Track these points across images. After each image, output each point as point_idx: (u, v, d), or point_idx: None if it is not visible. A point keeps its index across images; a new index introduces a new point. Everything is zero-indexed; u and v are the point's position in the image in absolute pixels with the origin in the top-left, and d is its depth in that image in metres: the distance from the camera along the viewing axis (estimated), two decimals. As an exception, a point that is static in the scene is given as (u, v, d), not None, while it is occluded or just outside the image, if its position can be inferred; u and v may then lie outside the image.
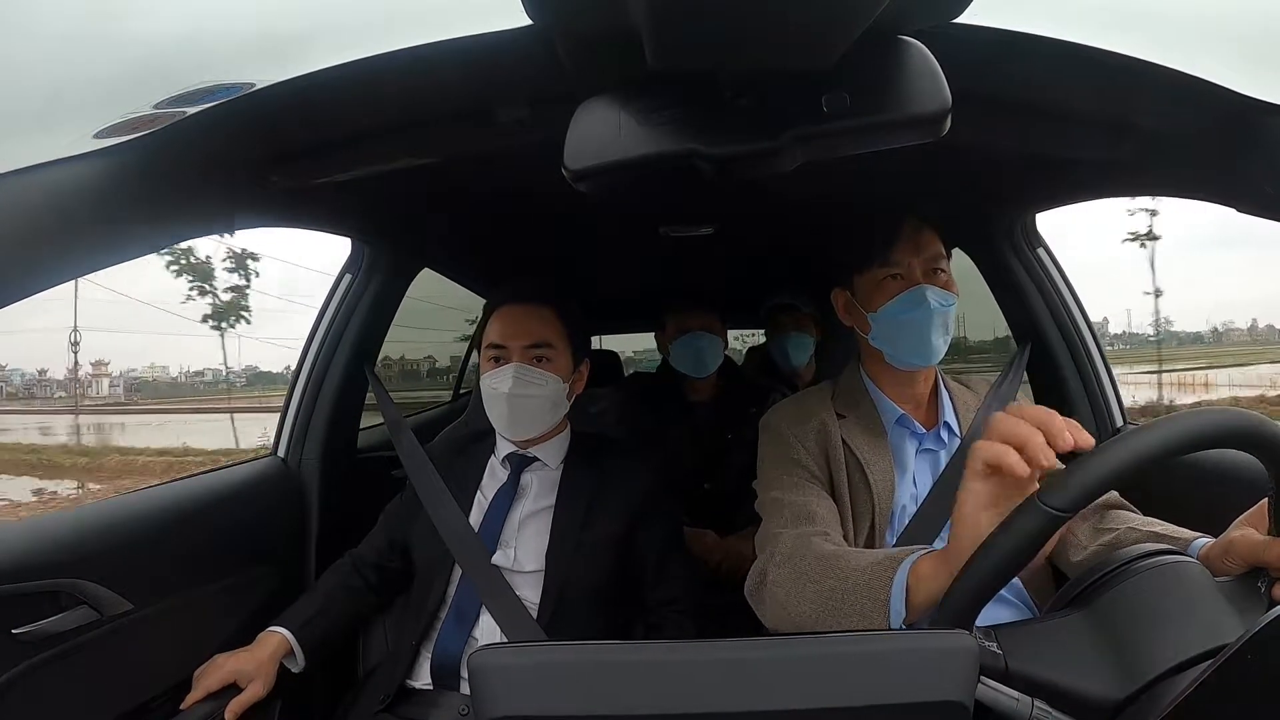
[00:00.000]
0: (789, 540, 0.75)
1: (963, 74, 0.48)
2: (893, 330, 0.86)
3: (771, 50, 0.45)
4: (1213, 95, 0.53)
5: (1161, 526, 0.72)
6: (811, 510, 0.80)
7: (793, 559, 0.72)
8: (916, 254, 0.86)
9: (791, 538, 0.76)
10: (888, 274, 0.87)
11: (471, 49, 0.53)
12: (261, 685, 0.93)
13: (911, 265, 0.86)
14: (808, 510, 0.80)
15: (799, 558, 0.72)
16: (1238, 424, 0.42)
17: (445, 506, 1.05)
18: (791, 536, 0.76)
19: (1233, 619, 0.43)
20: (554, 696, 0.40)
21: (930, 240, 0.87)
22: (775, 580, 0.73)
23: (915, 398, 0.91)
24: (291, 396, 1.33)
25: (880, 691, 0.38)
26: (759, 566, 0.78)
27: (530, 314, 1.02)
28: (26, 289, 0.50)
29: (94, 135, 0.51)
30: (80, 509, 0.94)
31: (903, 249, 0.86)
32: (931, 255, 0.87)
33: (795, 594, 0.69)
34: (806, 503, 0.81)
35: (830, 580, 0.65)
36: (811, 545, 0.73)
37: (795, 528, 0.78)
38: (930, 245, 0.87)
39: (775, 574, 0.73)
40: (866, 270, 0.89)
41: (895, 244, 0.86)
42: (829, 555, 0.69)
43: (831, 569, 0.67)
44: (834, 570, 0.66)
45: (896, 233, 0.86)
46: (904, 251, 0.86)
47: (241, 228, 0.82)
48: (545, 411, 1.03)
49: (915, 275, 0.86)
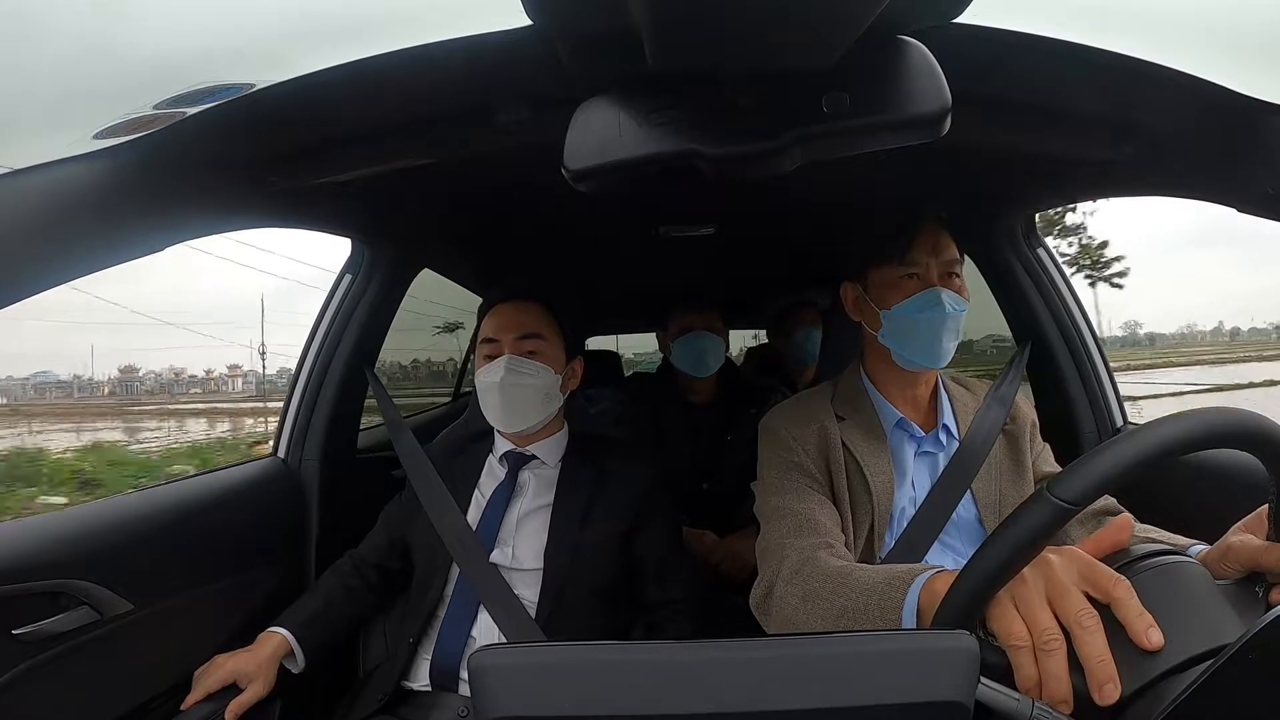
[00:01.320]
0: (795, 555, 0.75)
1: (963, 74, 0.48)
2: (905, 329, 0.86)
3: (771, 50, 0.45)
4: (1213, 95, 0.53)
5: (1157, 533, 0.72)
6: (814, 518, 0.80)
7: (800, 574, 0.71)
8: (935, 255, 0.86)
9: (797, 551, 0.75)
10: (905, 273, 0.86)
11: (471, 49, 0.53)
12: (261, 685, 0.93)
13: (929, 266, 0.85)
14: (811, 519, 0.79)
15: (806, 575, 0.71)
16: (1244, 424, 0.42)
17: (444, 506, 1.06)
18: (797, 550, 0.75)
19: (1233, 620, 0.43)
20: (554, 697, 0.40)
21: (948, 244, 0.87)
22: (783, 596, 0.72)
23: (915, 400, 0.91)
24: (291, 397, 1.33)
25: (880, 691, 0.38)
26: (765, 579, 0.77)
27: (520, 309, 1.05)
28: (27, 289, 0.49)
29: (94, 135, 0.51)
30: (80, 509, 0.94)
31: (921, 249, 0.85)
32: (949, 259, 0.86)
33: (804, 611, 0.68)
34: (809, 510, 0.81)
35: (840, 599, 0.64)
36: (819, 561, 0.72)
37: (800, 539, 0.77)
38: (948, 249, 0.87)
39: (782, 590, 0.72)
40: (883, 266, 0.88)
41: (915, 243, 0.85)
42: (837, 573, 0.68)
43: (841, 587, 0.66)
44: (844, 589, 0.65)
45: (916, 233, 0.86)
46: (922, 251, 0.85)
47: (241, 228, 0.82)
48: (537, 402, 1.03)
49: (932, 276, 0.85)
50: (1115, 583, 0.44)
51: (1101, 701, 0.40)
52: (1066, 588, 0.44)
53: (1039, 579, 0.45)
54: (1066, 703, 0.41)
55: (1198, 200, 0.74)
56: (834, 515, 0.83)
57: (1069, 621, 0.43)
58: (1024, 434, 0.93)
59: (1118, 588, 0.43)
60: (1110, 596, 0.43)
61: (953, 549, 0.86)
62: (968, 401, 0.95)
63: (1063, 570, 0.45)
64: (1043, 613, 0.44)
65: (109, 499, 1.00)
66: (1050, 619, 0.43)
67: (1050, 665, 0.42)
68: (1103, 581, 0.44)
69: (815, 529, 0.78)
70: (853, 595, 0.64)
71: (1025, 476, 0.90)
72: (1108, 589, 0.44)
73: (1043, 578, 0.45)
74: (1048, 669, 0.42)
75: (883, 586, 0.61)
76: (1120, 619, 0.42)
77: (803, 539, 0.77)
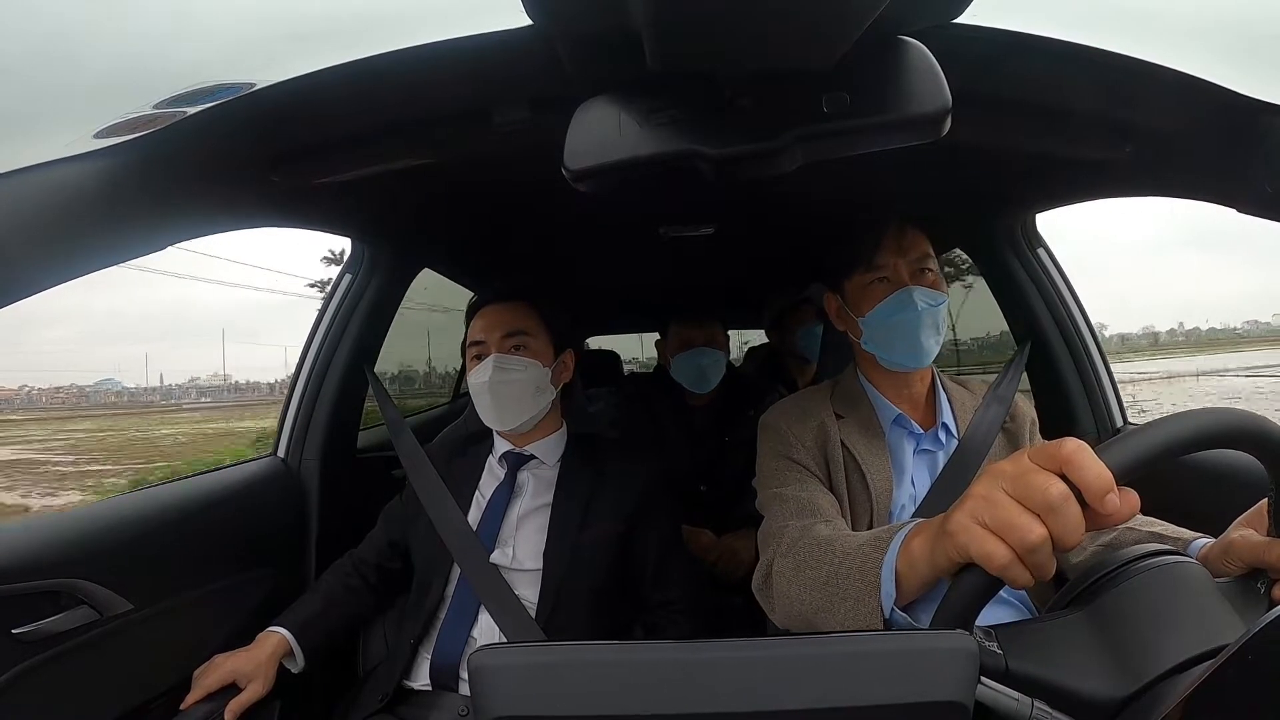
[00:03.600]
0: (794, 531, 0.75)
1: (963, 74, 0.48)
2: (883, 334, 0.87)
3: (771, 50, 0.45)
4: (1213, 95, 0.53)
5: (1161, 527, 0.72)
6: (815, 502, 0.80)
7: (795, 547, 0.72)
8: (901, 255, 0.86)
9: (796, 529, 0.76)
10: (874, 278, 0.87)
11: (471, 49, 0.53)
12: (261, 685, 0.93)
13: (897, 267, 0.86)
14: (812, 503, 0.80)
15: (800, 546, 0.72)
16: (1241, 424, 0.42)
17: (444, 506, 1.06)
18: (796, 528, 0.76)
19: (1233, 619, 0.43)
20: (554, 697, 0.40)
21: (915, 240, 0.87)
22: (779, 571, 0.72)
23: (912, 398, 0.92)
24: (291, 396, 1.33)
25: (880, 691, 0.38)
26: (765, 561, 0.78)
27: (505, 309, 1.06)
28: (26, 289, 0.49)
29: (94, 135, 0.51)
30: (80, 509, 0.94)
31: (887, 251, 0.86)
32: (917, 256, 0.86)
33: (796, 582, 0.69)
34: (810, 496, 0.81)
35: (826, 566, 0.65)
36: (811, 531, 0.73)
37: (799, 519, 0.78)
38: (916, 245, 0.87)
39: (779, 564, 0.73)
40: (853, 275, 0.89)
41: (879, 248, 0.86)
42: (825, 539, 0.69)
43: (827, 554, 0.66)
44: (829, 555, 0.66)
45: (880, 236, 0.86)
46: (888, 254, 0.86)
47: (242, 227, 0.82)
48: (528, 396, 1.03)
49: (901, 277, 0.85)
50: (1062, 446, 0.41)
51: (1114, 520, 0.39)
52: (1022, 475, 0.42)
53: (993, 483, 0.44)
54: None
55: (1198, 200, 0.74)
56: (833, 501, 0.83)
57: (1039, 505, 0.41)
58: (1023, 432, 0.93)
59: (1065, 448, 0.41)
60: (1064, 461, 0.41)
61: None
62: (966, 400, 0.95)
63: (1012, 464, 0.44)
64: (1012, 509, 0.42)
65: (109, 499, 1.00)
66: (1022, 512, 0.41)
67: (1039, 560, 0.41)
68: (1052, 453, 0.42)
69: (815, 511, 0.79)
70: (836, 561, 0.64)
71: None
72: (1058, 455, 0.41)
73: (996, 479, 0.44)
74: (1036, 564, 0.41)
75: (863, 549, 0.61)
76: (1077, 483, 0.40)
77: (802, 519, 0.78)
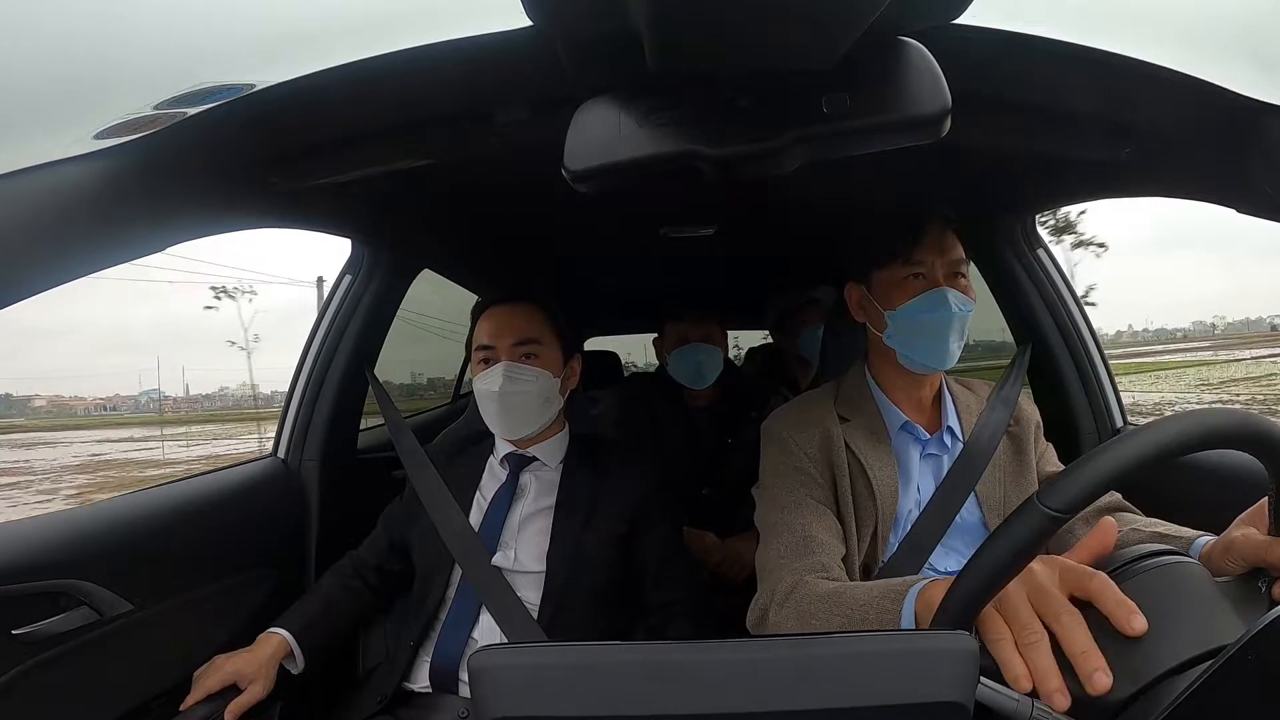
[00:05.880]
0: (790, 578, 0.74)
1: (963, 74, 0.48)
2: (910, 330, 0.85)
3: (771, 51, 0.45)
4: (1213, 95, 0.53)
5: (1164, 526, 0.72)
6: (813, 535, 0.79)
7: (792, 598, 0.72)
8: (941, 255, 0.84)
9: (791, 574, 0.75)
10: (910, 273, 0.85)
11: (471, 49, 0.53)
12: (261, 686, 0.93)
13: (935, 266, 0.84)
14: (807, 537, 0.79)
15: (798, 598, 0.71)
16: (1237, 424, 0.42)
17: (445, 507, 1.05)
18: (791, 573, 0.75)
19: (1233, 619, 0.43)
20: (554, 697, 0.40)
21: (954, 243, 0.85)
22: (777, 623, 0.72)
23: (920, 401, 0.91)
24: (291, 397, 1.33)
25: (880, 692, 0.38)
26: (760, 602, 0.78)
27: (515, 313, 1.04)
28: (26, 289, 0.49)
29: (94, 135, 0.51)
30: (80, 509, 0.94)
31: (927, 249, 0.84)
32: (954, 259, 0.85)
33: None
34: (807, 526, 0.80)
35: (838, 618, 0.64)
36: (810, 586, 0.72)
37: (796, 560, 0.77)
38: (954, 248, 0.85)
39: (776, 615, 0.73)
40: (887, 267, 0.86)
41: (920, 243, 0.84)
42: (831, 593, 0.68)
43: (838, 606, 0.65)
44: (840, 607, 0.65)
45: (921, 232, 0.84)
46: (928, 251, 0.84)
47: (241, 228, 0.82)
48: (537, 407, 1.03)
49: (938, 276, 0.84)
50: (1091, 577, 0.45)
51: (1094, 691, 0.41)
52: (1046, 589, 0.46)
53: (1019, 585, 0.46)
54: (1061, 692, 0.42)
55: (1197, 201, 0.74)
56: (834, 529, 0.82)
57: (1049, 618, 0.44)
58: (1028, 435, 0.92)
59: (1094, 581, 0.44)
60: (1088, 591, 0.44)
61: (956, 552, 0.85)
62: (971, 403, 0.94)
63: (1042, 575, 0.47)
64: (1023, 609, 0.45)
65: (109, 499, 1.00)
66: (1030, 614, 0.45)
67: (1036, 659, 0.43)
68: (1080, 579, 0.45)
69: (811, 548, 0.78)
70: (849, 612, 0.64)
71: (1029, 478, 0.89)
72: (1085, 584, 0.45)
73: (1023, 583, 0.46)
74: (1034, 663, 0.43)
75: (878, 600, 0.61)
76: (1102, 611, 0.43)
77: (798, 560, 0.77)
